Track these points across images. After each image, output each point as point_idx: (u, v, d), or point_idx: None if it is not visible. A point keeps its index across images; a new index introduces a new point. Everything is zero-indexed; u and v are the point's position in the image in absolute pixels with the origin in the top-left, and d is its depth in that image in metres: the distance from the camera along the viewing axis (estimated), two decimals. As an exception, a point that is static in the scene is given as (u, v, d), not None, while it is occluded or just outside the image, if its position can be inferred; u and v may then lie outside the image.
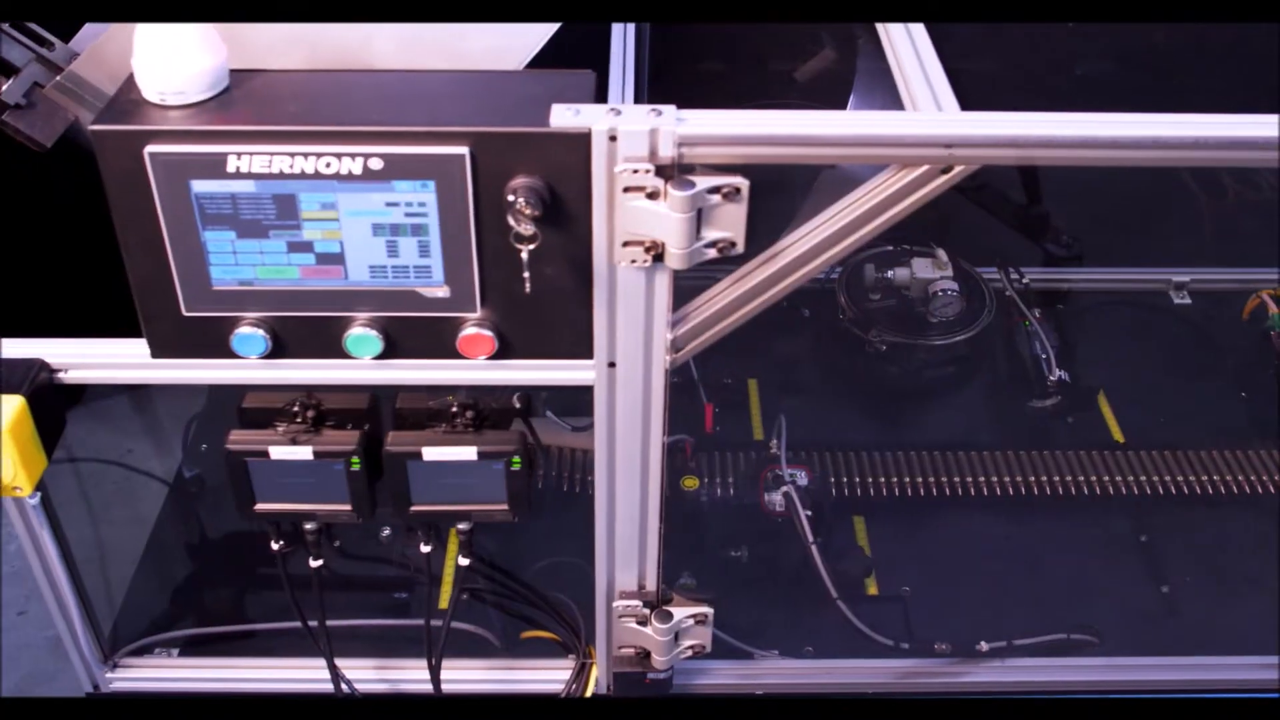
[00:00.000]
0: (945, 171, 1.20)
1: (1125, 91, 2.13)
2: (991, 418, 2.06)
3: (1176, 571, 1.85)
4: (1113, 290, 2.32)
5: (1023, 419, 2.01)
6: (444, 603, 1.76)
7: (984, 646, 1.65)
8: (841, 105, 1.84)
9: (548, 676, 1.64)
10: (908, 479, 1.93)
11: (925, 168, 1.20)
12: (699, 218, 1.20)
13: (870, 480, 1.93)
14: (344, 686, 1.55)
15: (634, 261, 1.22)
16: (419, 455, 1.37)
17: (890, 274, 2.04)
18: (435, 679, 1.53)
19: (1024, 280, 2.13)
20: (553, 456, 1.73)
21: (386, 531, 1.80)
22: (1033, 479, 1.93)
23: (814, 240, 1.25)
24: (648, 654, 1.56)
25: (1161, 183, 2.32)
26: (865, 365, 2.06)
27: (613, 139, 1.17)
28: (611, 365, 1.32)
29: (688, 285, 1.33)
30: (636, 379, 1.33)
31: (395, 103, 1.22)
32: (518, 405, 1.44)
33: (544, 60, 1.29)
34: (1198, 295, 2.32)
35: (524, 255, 1.19)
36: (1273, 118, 1.18)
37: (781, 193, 1.98)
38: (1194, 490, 1.94)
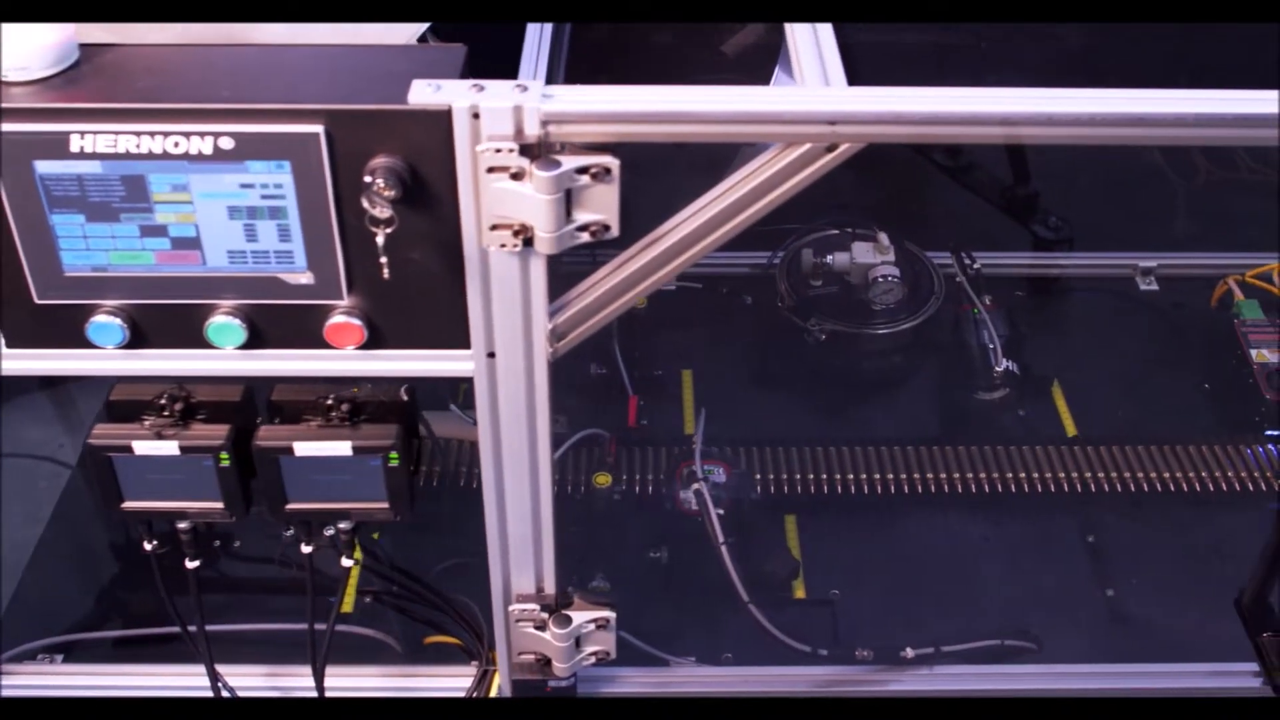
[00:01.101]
0: (830, 150, 1.19)
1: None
2: (936, 411, 2.06)
3: (1124, 574, 1.84)
4: (1076, 276, 2.31)
5: (969, 412, 2.01)
6: (347, 606, 1.76)
7: (909, 653, 1.64)
8: (768, 79, 1.83)
9: (449, 684, 1.64)
10: (843, 476, 1.92)
11: (808, 146, 1.18)
12: (569, 200, 1.19)
13: (804, 477, 1.92)
14: (224, 691, 1.55)
15: (503, 246, 1.21)
16: (290, 450, 1.36)
17: (829, 259, 2.04)
18: (319, 685, 1.53)
19: (975, 266, 2.12)
20: (452, 451, 1.73)
21: (290, 531, 1.79)
22: (974, 475, 1.92)
23: (696, 224, 1.24)
24: (549, 660, 1.55)
25: (1130, 163, 2.32)
26: (804, 355, 2.05)
27: (475, 116, 1.16)
28: (491, 356, 1.32)
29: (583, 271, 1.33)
30: (518, 370, 1.32)
31: (250, 79, 1.22)
32: (405, 398, 1.44)
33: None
34: (1166, 281, 2.31)
35: (380, 240, 1.19)
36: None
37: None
38: (1147, 487, 1.93)
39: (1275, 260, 2.15)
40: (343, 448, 1.37)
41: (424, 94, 1.17)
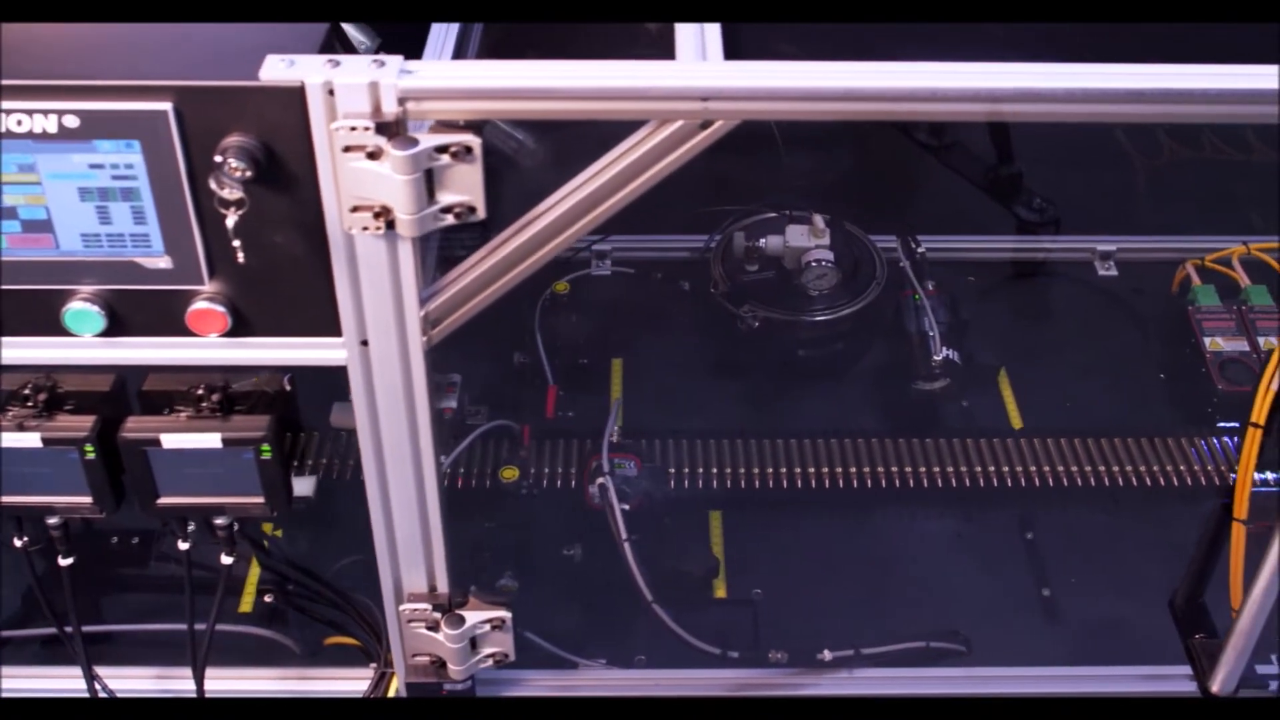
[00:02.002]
0: (705, 127, 1.19)
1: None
2: (874, 402, 2.05)
3: (1062, 572, 1.84)
4: (1031, 260, 2.30)
5: (907, 403, 2.00)
6: (246, 605, 1.76)
7: (827, 655, 1.64)
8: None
9: (346, 686, 1.64)
10: (774, 470, 1.91)
11: (681, 123, 1.18)
12: (431, 180, 1.19)
13: (731, 471, 1.91)
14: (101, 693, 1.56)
15: (365, 229, 1.21)
16: (158, 442, 1.36)
17: (762, 243, 2.03)
18: (199, 688, 1.53)
19: (920, 250, 2.11)
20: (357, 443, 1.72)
21: (192, 527, 1.79)
22: (911, 470, 1.91)
23: (568, 206, 1.24)
24: (445, 663, 1.55)
25: (1090, 140, 2.31)
26: (737, 344, 2.04)
27: (330, 93, 1.16)
28: (364, 344, 1.32)
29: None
30: (393, 359, 1.32)
31: (99, 54, 1.22)
32: (288, 387, 1.44)
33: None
34: (1125, 266, 2.30)
35: (230, 222, 1.19)
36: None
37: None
38: (1093, 481, 1.91)
39: (1236, 244, 2.13)
40: (212, 440, 1.37)
41: (277, 70, 1.17)
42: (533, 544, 1.78)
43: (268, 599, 1.74)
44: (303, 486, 1.74)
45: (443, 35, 1.44)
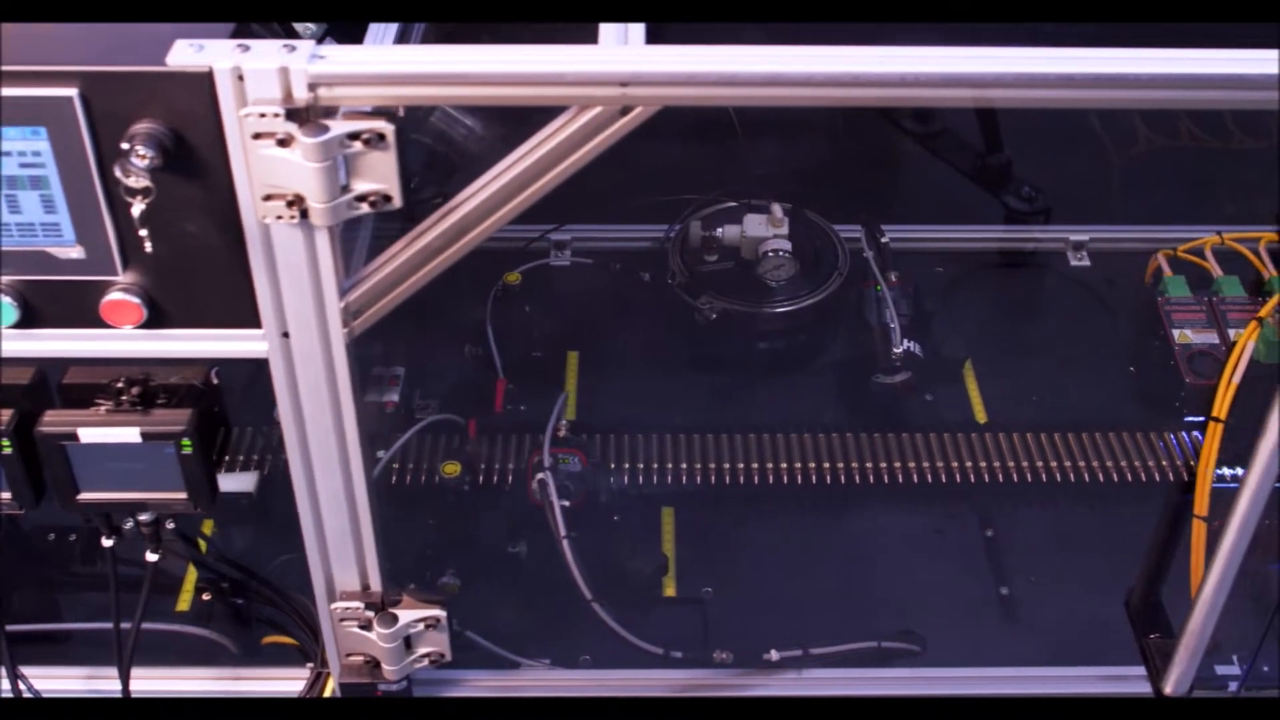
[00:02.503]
0: (625, 113, 1.18)
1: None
2: (835, 396, 2.05)
3: (1022, 571, 1.84)
4: (1002, 250, 2.30)
5: (868, 397, 2.00)
6: (184, 604, 1.76)
7: (774, 656, 1.64)
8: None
9: (282, 686, 1.64)
10: (728, 465, 1.92)
11: (599, 109, 1.18)
12: (344, 168, 1.19)
13: (686, 466, 1.92)
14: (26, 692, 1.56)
15: (279, 217, 1.21)
16: (75, 437, 1.37)
17: (719, 232, 2.03)
18: (124, 688, 1.53)
19: (884, 239, 2.11)
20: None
21: (130, 524, 1.80)
22: (871, 465, 1.92)
23: (489, 193, 1.24)
24: (379, 663, 1.55)
25: (1063, 128, 2.31)
26: (694, 336, 2.04)
27: (240, 78, 1.16)
28: (285, 336, 1.32)
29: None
30: (315, 351, 1.32)
31: (6, 40, 1.21)
32: (215, 381, 1.44)
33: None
34: (1099, 257, 2.29)
35: (136, 211, 1.19)
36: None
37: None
38: (1059, 477, 1.92)
39: (1209, 234, 2.13)
40: (131, 434, 1.37)
41: (185, 55, 1.17)
42: (477, 541, 1.78)
43: (205, 597, 1.74)
44: (244, 482, 1.75)
45: (380, 34, 1.44)
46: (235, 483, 1.78)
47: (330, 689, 1.62)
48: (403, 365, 1.86)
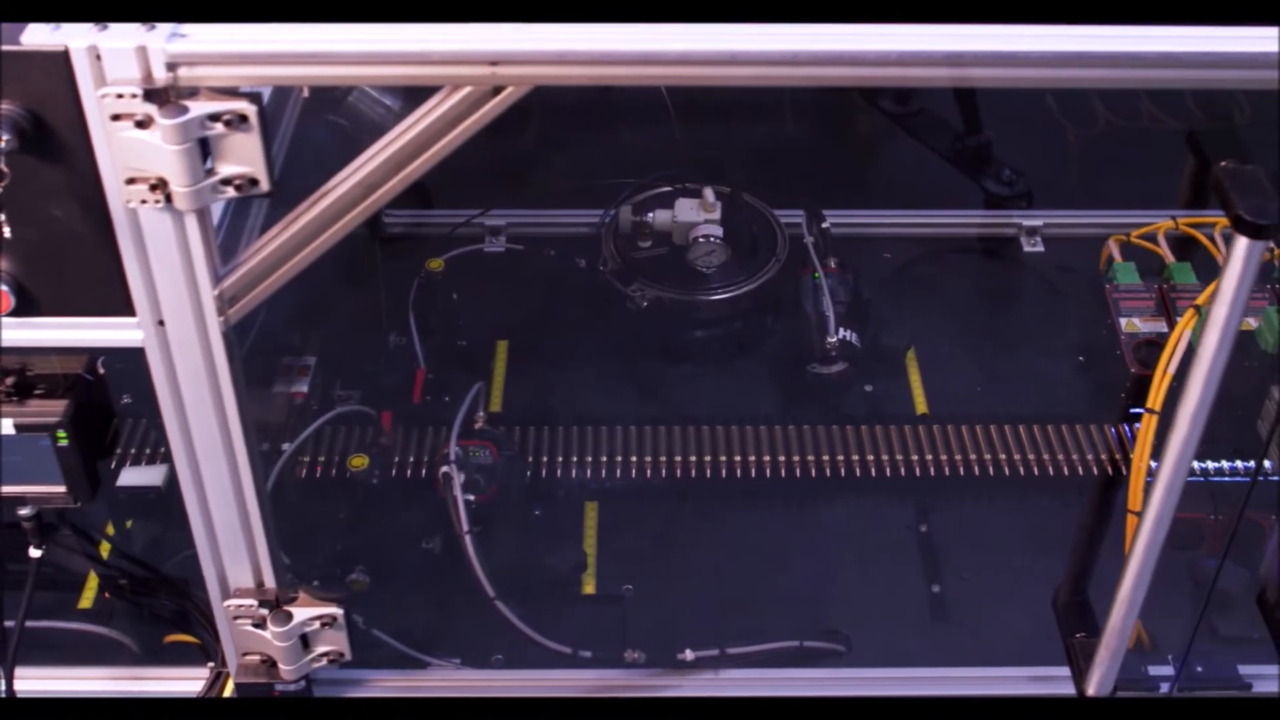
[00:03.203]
0: (497, 93, 1.18)
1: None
2: (772, 386, 2.05)
3: (955, 568, 1.83)
4: (953, 236, 2.30)
5: (804, 388, 2.00)
6: (86, 601, 1.77)
7: (689, 655, 1.64)
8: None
9: (181, 687, 1.65)
10: (652, 458, 1.92)
11: (469, 89, 1.18)
12: (207, 150, 1.19)
13: (610, 459, 1.92)
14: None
15: (144, 202, 1.21)
16: (-53, 429, 1.37)
17: (650, 217, 2.02)
18: (9, 687, 1.53)
19: (824, 224, 2.11)
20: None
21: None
22: (800, 458, 1.92)
23: (361, 176, 1.24)
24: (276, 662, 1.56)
25: (1018, 109, 2.30)
26: (626, 325, 2.04)
27: (98, 58, 1.16)
28: (160, 324, 1.32)
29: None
30: (192, 340, 1.32)
31: None
32: (101, 370, 1.45)
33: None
34: (1052, 242, 2.29)
35: (-10, 197, 1.19)
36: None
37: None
38: (993, 471, 1.92)
39: (1164, 219, 2.12)
40: (5, 425, 1.37)
41: (40, 34, 1.17)
42: (389, 537, 1.77)
43: (109, 594, 1.74)
44: (151, 476, 1.75)
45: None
46: (142, 476, 1.78)
47: (231, 689, 1.62)
48: (315, 355, 1.85)
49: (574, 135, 2.46)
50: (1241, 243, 1.19)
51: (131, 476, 1.77)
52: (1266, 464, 1.82)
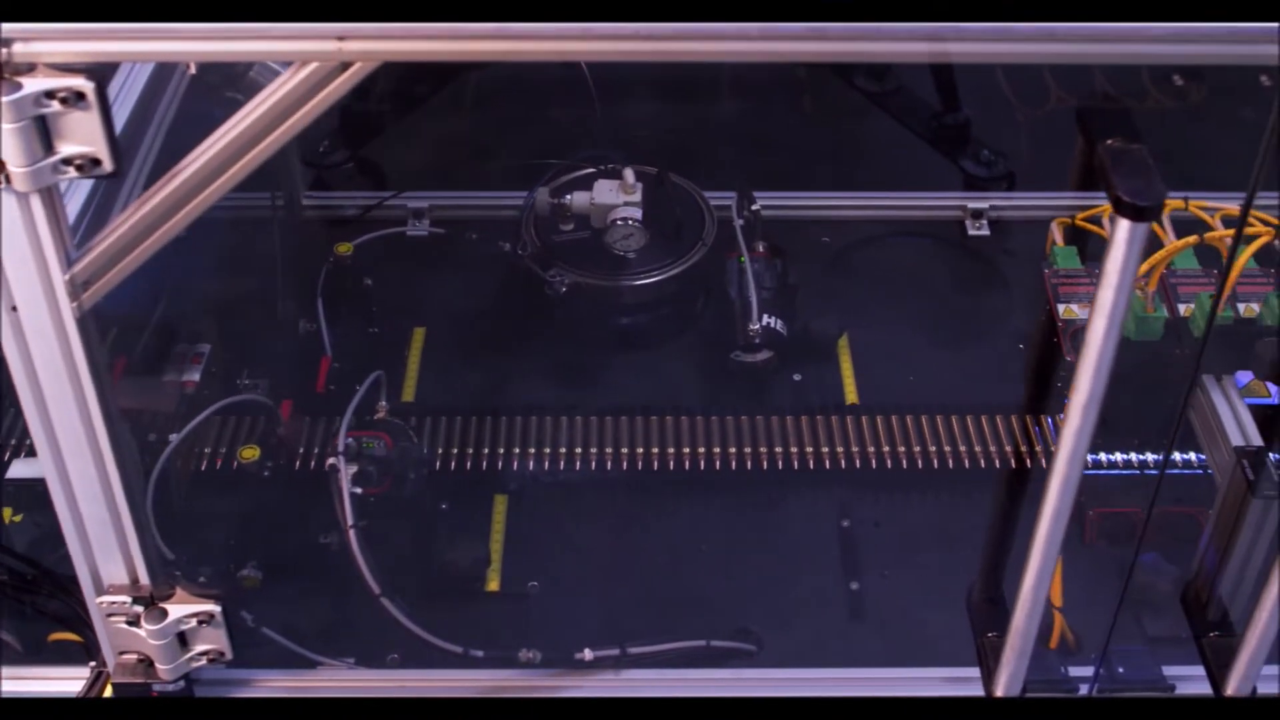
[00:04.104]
0: (345, 68, 1.18)
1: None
2: (696, 376, 2.05)
3: (876, 564, 1.83)
4: (892, 219, 2.30)
5: (727, 377, 2.00)
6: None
7: (588, 655, 1.64)
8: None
9: (62, 687, 1.65)
10: (565, 450, 1.92)
11: (316, 65, 1.18)
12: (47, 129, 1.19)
13: (520, 451, 1.92)
14: None
15: (-17, 183, 1.21)
16: None
17: (568, 199, 2.02)
18: None
19: (754, 206, 2.11)
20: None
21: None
22: (720, 450, 1.92)
23: (211, 155, 1.24)
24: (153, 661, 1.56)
25: (964, 85, 2.30)
26: (546, 311, 2.05)
27: (-73, 34, 1.16)
28: (14, 310, 1.32)
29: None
30: (46, 327, 1.32)
31: None
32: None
33: None
34: (998, 225, 2.29)
35: None
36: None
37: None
38: (921, 464, 1.92)
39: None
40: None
41: None
42: (286, 531, 1.78)
43: (-9, 592, 1.75)
44: (35, 469, 1.75)
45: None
46: (32, 468, 1.78)
47: (110, 689, 1.62)
48: (211, 343, 1.86)
49: (513, 116, 2.47)
50: (1123, 225, 1.19)
51: (21, 469, 1.78)
52: (1195, 456, 1.81)
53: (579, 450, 1.92)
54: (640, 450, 1.93)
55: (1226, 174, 2.03)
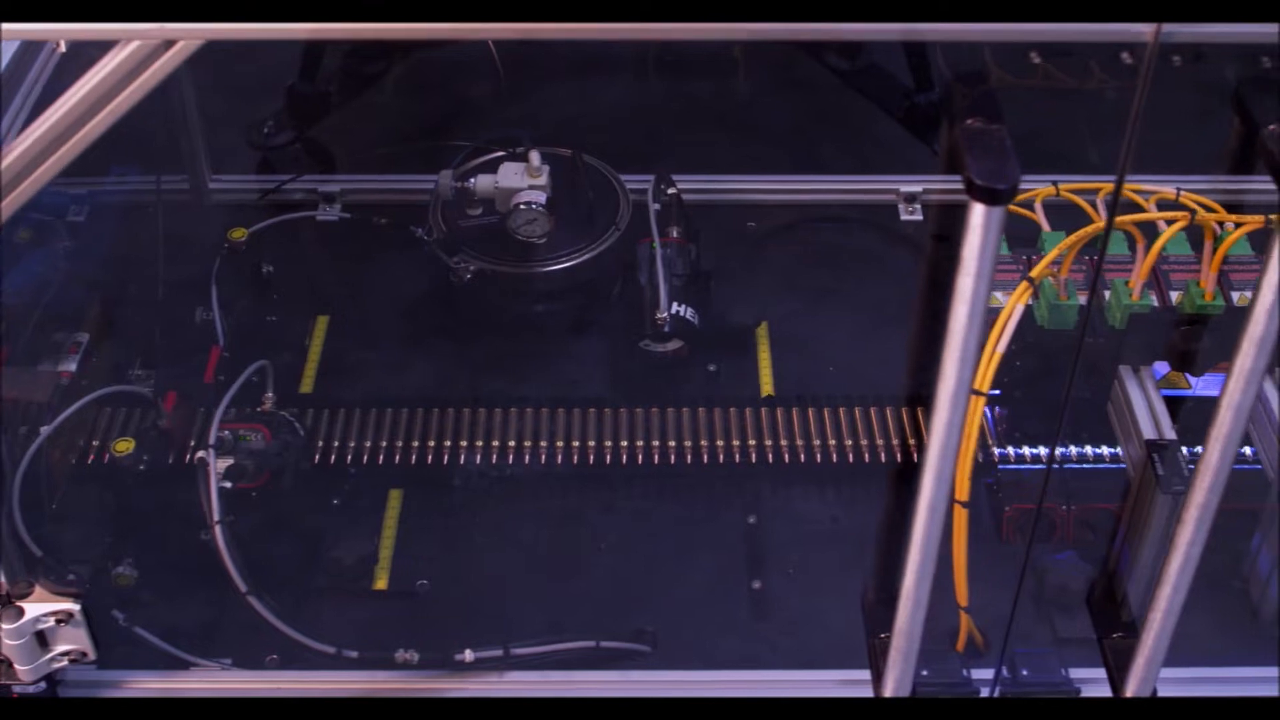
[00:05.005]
0: (169, 46, 1.19)
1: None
2: (604, 367, 2.05)
3: (781, 563, 1.83)
4: (822, 203, 2.30)
5: (637, 367, 2.00)
6: None
7: (469, 656, 1.65)
8: None
9: (-72, 688, 1.66)
10: (469, 442, 1.92)
11: (138, 43, 1.19)
12: None
13: (421, 444, 1.92)
14: None
15: None
16: None
17: (472, 183, 2.03)
18: None
19: (670, 190, 2.11)
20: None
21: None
22: (630, 443, 1.92)
23: (33, 140, 1.25)
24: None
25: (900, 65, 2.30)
26: (452, 299, 2.05)
27: None
28: None
29: None
30: (-120, 315, 1.33)
31: None
32: None
33: None
34: (933, 209, 2.28)
35: None
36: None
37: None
38: (835, 458, 1.92)
39: (1046, 184, 2.11)
40: None
41: None
42: (165, 527, 1.78)
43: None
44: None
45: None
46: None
47: (-24, 690, 1.63)
48: (89, 332, 1.86)
49: (468, 97, 2.48)
50: (977, 210, 1.19)
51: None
52: (1107, 451, 1.82)
53: (479, 444, 1.92)
54: (544, 444, 1.93)
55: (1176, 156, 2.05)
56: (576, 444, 1.93)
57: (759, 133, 2.46)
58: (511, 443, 1.93)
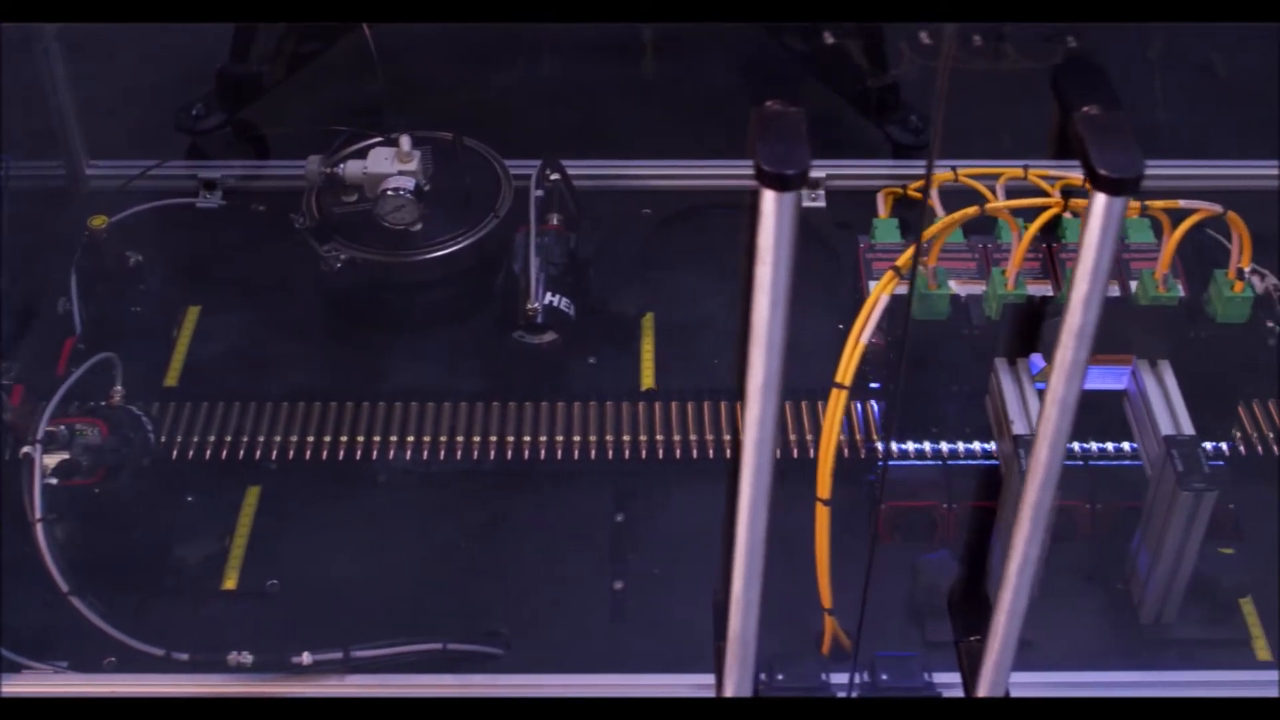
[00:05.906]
0: None
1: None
2: (477, 359, 2.06)
3: (645, 562, 1.84)
4: (719, 189, 2.30)
5: (510, 360, 2.01)
6: None
7: (306, 659, 1.65)
8: None
9: None
10: (332, 437, 1.93)
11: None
12: None
13: (284, 439, 1.93)
14: None
15: None
16: None
17: (341, 169, 2.03)
18: None
19: (553, 176, 2.11)
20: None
21: None
22: (499, 438, 1.93)
23: None
24: None
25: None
26: (324, 289, 2.06)
27: None
28: None
29: None
30: None
31: None
32: None
33: None
34: (835, 195, 2.29)
35: None
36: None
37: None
38: (712, 454, 1.93)
39: (946, 170, 2.11)
40: None
41: None
42: (4, 523, 1.79)
43: None
44: None
45: None
46: None
47: None
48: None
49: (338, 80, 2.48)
50: (767, 197, 1.20)
51: None
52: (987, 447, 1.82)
53: (344, 439, 1.93)
54: (410, 439, 1.94)
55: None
56: (444, 439, 1.93)
57: (684, 115, 2.45)
58: (376, 438, 1.93)
